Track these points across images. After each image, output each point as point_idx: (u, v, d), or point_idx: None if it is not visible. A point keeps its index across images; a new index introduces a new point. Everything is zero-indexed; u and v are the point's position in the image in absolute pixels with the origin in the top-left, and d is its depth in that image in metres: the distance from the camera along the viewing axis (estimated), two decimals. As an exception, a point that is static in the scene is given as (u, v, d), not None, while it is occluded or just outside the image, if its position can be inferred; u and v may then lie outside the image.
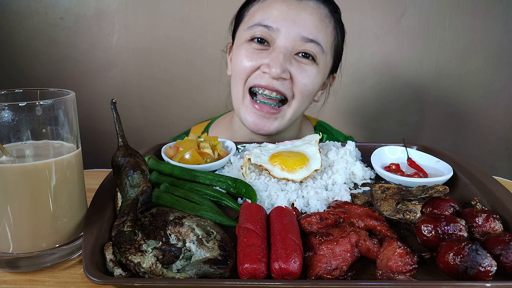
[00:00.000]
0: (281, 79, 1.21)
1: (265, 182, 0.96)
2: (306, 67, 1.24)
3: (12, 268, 0.70)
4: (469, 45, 2.05)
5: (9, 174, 0.66)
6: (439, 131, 2.22)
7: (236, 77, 1.30)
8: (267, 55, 1.22)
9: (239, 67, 1.27)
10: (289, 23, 1.20)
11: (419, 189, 0.82)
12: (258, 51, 1.24)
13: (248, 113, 1.29)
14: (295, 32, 1.20)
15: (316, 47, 1.22)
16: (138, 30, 2.08)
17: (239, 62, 1.26)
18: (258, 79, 1.24)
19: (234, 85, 1.32)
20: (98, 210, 0.78)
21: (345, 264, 0.66)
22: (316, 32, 1.22)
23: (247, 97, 1.28)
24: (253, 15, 1.27)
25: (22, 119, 0.67)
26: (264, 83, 1.22)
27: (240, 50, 1.27)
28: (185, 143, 1.09)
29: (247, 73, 1.25)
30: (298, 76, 1.23)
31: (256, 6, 1.28)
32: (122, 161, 0.81)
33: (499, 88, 2.12)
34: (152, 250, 0.67)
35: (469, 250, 0.61)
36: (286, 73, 1.21)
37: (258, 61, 1.23)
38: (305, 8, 1.22)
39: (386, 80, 2.15)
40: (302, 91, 1.26)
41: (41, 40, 2.08)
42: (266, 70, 1.21)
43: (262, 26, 1.22)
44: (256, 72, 1.24)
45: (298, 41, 1.21)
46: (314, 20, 1.22)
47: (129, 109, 2.17)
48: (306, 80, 1.24)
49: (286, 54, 1.20)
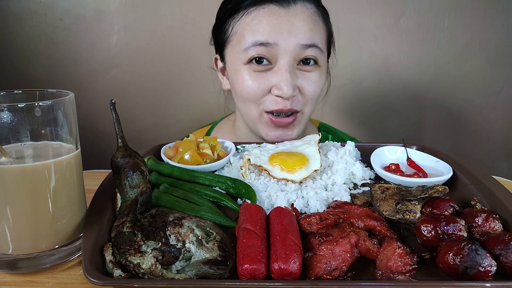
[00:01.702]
0: (292, 97, 1.20)
1: (265, 183, 0.96)
2: (310, 75, 1.23)
3: (12, 269, 0.70)
4: (468, 46, 2.05)
5: (8, 175, 0.66)
6: (439, 131, 2.22)
7: (246, 101, 1.27)
8: (273, 75, 1.20)
9: (247, 92, 1.23)
10: (285, 35, 1.17)
11: (418, 189, 0.82)
12: (262, 73, 1.21)
13: (268, 129, 1.28)
14: (293, 43, 1.18)
15: (315, 50, 1.21)
16: (138, 30, 2.08)
17: (246, 87, 1.22)
18: (273, 105, 1.22)
19: (246, 108, 1.29)
20: (98, 211, 0.78)
21: (345, 265, 0.66)
22: (312, 35, 1.20)
23: (264, 115, 1.26)
24: (242, 34, 1.21)
25: (21, 120, 0.67)
26: (280, 107, 1.21)
27: (241, 74, 1.23)
28: (185, 143, 1.09)
29: (258, 97, 1.23)
30: (306, 87, 1.22)
31: (241, 23, 1.22)
32: (121, 162, 0.81)
33: (498, 88, 2.12)
34: (151, 251, 0.66)
35: (469, 250, 0.61)
36: (296, 89, 1.20)
37: (266, 83, 1.21)
38: (295, 15, 1.19)
39: (385, 81, 2.15)
40: (312, 98, 1.26)
41: (41, 41, 2.08)
42: (278, 92, 1.18)
43: (258, 46, 1.18)
44: (268, 97, 1.22)
45: (298, 50, 1.19)
46: (308, 24, 1.20)
47: (129, 110, 2.17)
48: (313, 88, 1.24)
49: (291, 70, 1.19)
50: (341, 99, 2.17)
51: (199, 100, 2.18)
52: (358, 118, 2.24)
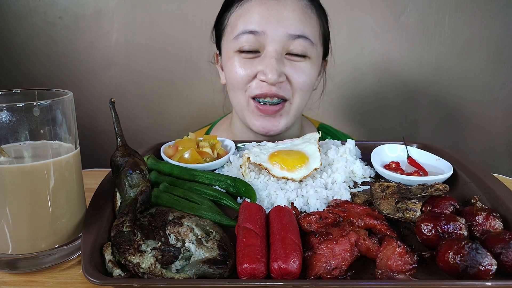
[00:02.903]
0: (278, 83, 1.21)
1: (265, 181, 0.96)
2: (299, 65, 1.24)
3: (12, 269, 0.70)
4: (469, 43, 2.05)
5: (7, 175, 0.66)
6: (439, 129, 2.22)
7: (234, 88, 1.30)
8: (260, 62, 1.22)
9: (235, 79, 1.27)
10: (274, 24, 1.20)
11: (419, 187, 0.82)
12: (250, 60, 1.24)
13: (254, 117, 1.29)
14: (281, 32, 1.20)
15: (304, 42, 1.22)
16: (137, 28, 2.08)
17: (234, 73, 1.26)
18: (257, 89, 1.24)
19: (234, 96, 1.32)
20: (97, 210, 0.77)
21: (345, 264, 0.65)
22: (302, 26, 1.22)
23: (251, 103, 1.28)
24: (235, 23, 1.26)
25: (20, 120, 0.67)
26: (264, 91, 1.23)
27: (232, 62, 1.27)
28: (184, 142, 1.09)
29: (244, 83, 1.26)
30: (294, 75, 1.23)
31: (235, 13, 1.27)
32: (121, 161, 0.81)
33: (499, 85, 2.11)
34: (151, 250, 0.66)
35: (469, 249, 0.61)
36: (282, 76, 1.21)
37: (252, 69, 1.23)
38: (285, 6, 1.21)
39: (386, 78, 2.14)
40: (301, 88, 1.26)
41: (40, 39, 2.08)
42: (263, 77, 1.21)
43: (247, 33, 1.22)
44: (254, 82, 1.25)
45: (286, 40, 1.21)
46: (297, 15, 1.21)
47: (128, 109, 2.17)
48: (302, 78, 1.25)
49: (278, 57, 1.20)
50: (341, 96, 2.17)
51: (199, 99, 2.17)
52: (359, 116, 2.24)
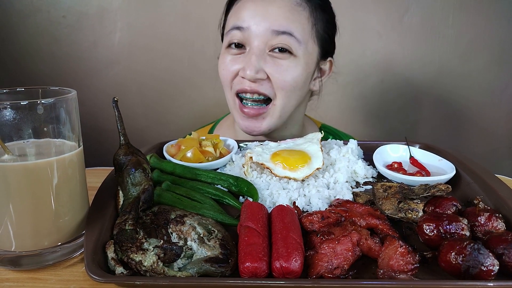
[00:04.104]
0: (258, 80, 1.21)
1: (267, 181, 0.96)
2: (281, 62, 1.22)
3: (15, 266, 0.71)
4: (472, 43, 2.04)
5: (11, 172, 0.66)
6: (442, 129, 2.21)
7: (223, 85, 1.32)
8: (243, 59, 1.23)
9: (222, 75, 1.30)
10: (258, 19, 1.20)
11: (421, 187, 0.82)
12: (236, 56, 1.25)
13: (239, 117, 1.31)
14: (264, 27, 1.19)
15: (289, 39, 1.20)
16: (140, 28, 2.08)
17: (221, 70, 1.29)
18: (240, 85, 1.25)
19: (225, 93, 1.35)
20: (100, 208, 0.78)
21: (347, 263, 0.66)
22: (287, 23, 1.20)
23: (237, 102, 1.29)
24: (229, 20, 1.29)
25: (23, 118, 0.67)
26: (245, 87, 1.24)
27: (222, 58, 1.30)
28: (187, 141, 1.09)
29: (230, 79, 1.27)
30: (274, 73, 1.22)
31: (232, 11, 1.29)
32: (123, 159, 0.82)
33: (503, 86, 2.10)
34: (153, 249, 0.67)
35: (471, 249, 0.61)
36: (261, 73, 1.20)
37: (235, 66, 1.24)
38: (272, 2, 1.21)
39: (389, 78, 2.14)
40: (283, 87, 1.23)
41: (44, 38, 2.08)
42: (242, 74, 1.22)
43: (235, 29, 1.23)
44: (237, 78, 1.26)
45: (270, 36, 1.20)
46: (283, 12, 1.21)
47: (131, 108, 2.18)
48: (284, 76, 1.22)
49: (259, 54, 1.20)
50: (344, 96, 2.17)
51: (202, 98, 2.18)
52: (361, 116, 2.24)
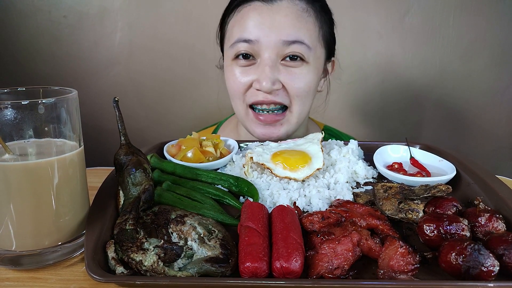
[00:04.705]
0: (274, 91, 1.20)
1: (267, 181, 0.96)
2: (295, 70, 1.22)
3: (15, 265, 0.71)
4: (473, 44, 2.04)
5: (11, 172, 0.66)
6: (442, 130, 2.21)
7: (233, 97, 1.30)
8: (255, 70, 1.22)
9: (232, 88, 1.28)
10: (266, 31, 1.18)
11: (421, 188, 0.82)
12: (246, 68, 1.24)
13: (254, 125, 1.29)
14: (274, 39, 1.18)
15: (300, 47, 1.20)
16: (141, 28, 2.08)
17: (232, 82, 1.27)
18: (254, 97, 1.24)
19: (234, 104, 1.32)
20: (100, 208, 0.78)
21: (347, 263, 0.66)
22: (295, 31, 1.19)
23: (250, 112, 1.28)
24: (232, 31, 1.25)
25: (24, 117, 0.67)
26: (261, 99, 1.22)
27: (229, 70, 1.27)
28: (187, 141, 1.09)
29: (242, 92, 1.25)
30: (289, 82, 1.21)
31: (233, 20, 1.26)
32: (124, 159, 0.82)
33: (503, 86, 2.10)
34: (154, 249, 0.67)
35: (472, 250, 0.61)
36: (277, 84, 1.20)
37: (248, 78, 1.23)
38: (278, 11, 1.19)
39: (390, 79, 2.14)
40: (298, 95, 1.24)
41: (44, 38, 2.09)
42: (257, 86, 1.20)
43: (242, 42, 1.21)
44: (250, 90, 1.24)
45: (281, 47, 1.19)
46: (291, 20, 1.19)
47: (132, 108, 2.18)
48: (298, 84, 1.22)
49: (272, 65, 1.19)
50: (345, 97, 2.17)
51: (202, 98, 2.18)
52: (362, 116, 2.24)
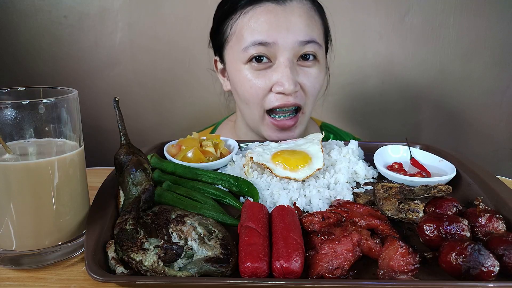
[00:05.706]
0: (294, 92, 1.20)
1: (267, 181, 0.96)
2: (310, 70, 1.23)
3: (15, 265, 0.71)
4: (473, 44, 2.04)
5: (11, 172, 0.67)
6: (443, 130, 2.21)
7: (249, 102, 1.26)
8: (273, 73, 1.19)
9: (249, 93, 1.23)
10: (283, 33, 1.17)
11: (421, 188, 0.82)
12: (262, 71, 1.21)
13: (271, 131, 1.28)
14: (291, 40, 1.17)
15: (314, 46, 1.21)
16: (142, 28, 2.08)
17: (248, 88, 1.22)
18: (274, 101, 1.21)
19: (248, 110, 1.29)
20: (101, 208, 0.78)
21: (347, 264, 0.66)
22: (310, 31, 1.20)
23: (266, 117, 1.26)
24: (241, 34, 1.21)
25: (25, 117, 0.67)
26: (283, 103, 1.21)
27: (242, 75, 1.23)
28: (188, 141, 1.09)
29: (260, 97, 1.22)
30: (307, 83, 1.22)
31: (240, 22, 1.22)
32: (124, 159, 0.82)
33: (503, 87, 2.10)
34: (154, 248, 0.67)
35: (472, 250, 0.61)
36: (297, 85, 1.20)
37: (267, 82, 1.20)
38: (292, 11, 1.19)
39: (390, 79, 2.14)
40: (312, 94, 1.26)
41: (45, 38, 2.09)
42: (279, 88, 1.18)
43: (258, 45, 1.18)
44: (270, 95, 1.21)
45: (297, 47, 1.19)
46: (304, 20, 1.19)
47: (132, 108, 2.18)
48: (314, 83, 1.24)
49: (291, 66, 1.18)
50: (345, 97, 2.17)
51: (202, 98, 2.18)
52: (362, 117, 2.24)
